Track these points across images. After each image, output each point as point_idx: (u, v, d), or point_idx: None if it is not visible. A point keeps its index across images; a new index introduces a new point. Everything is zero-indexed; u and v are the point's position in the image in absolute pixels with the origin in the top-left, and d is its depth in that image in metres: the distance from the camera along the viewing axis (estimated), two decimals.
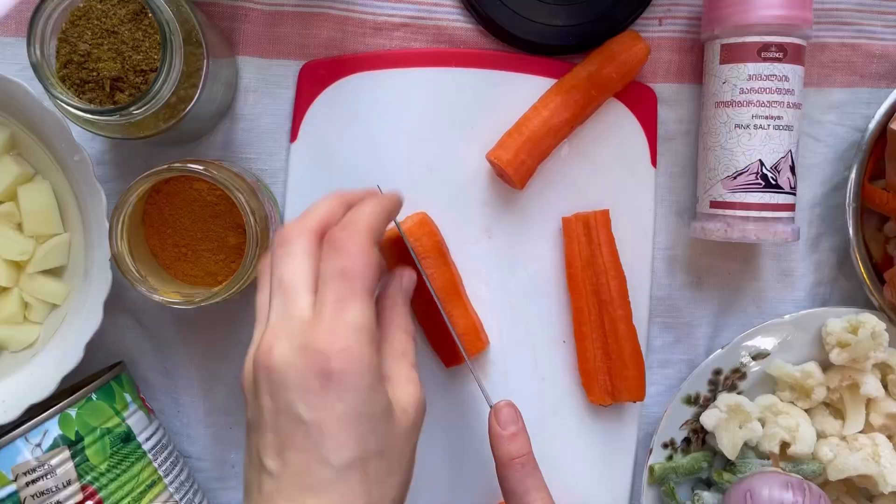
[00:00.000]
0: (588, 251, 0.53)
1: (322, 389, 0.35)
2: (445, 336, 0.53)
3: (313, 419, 0.35)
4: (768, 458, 0.53)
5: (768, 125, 0.49)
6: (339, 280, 0.37)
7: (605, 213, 0.53)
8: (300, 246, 0.39)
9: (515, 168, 0.51)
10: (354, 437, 0.35)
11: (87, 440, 0.48)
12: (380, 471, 0.36)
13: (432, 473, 0.54)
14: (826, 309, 0.54)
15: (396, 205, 0.44)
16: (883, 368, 0.54)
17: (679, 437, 0.55)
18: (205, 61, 0.46)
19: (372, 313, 0.38)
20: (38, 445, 0.46)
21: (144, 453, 0.50)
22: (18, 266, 0.52)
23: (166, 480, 0.51)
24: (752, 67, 0.49)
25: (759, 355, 0.54)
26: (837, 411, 0.55)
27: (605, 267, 0.52)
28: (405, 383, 0.40)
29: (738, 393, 0.55)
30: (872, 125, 0.53)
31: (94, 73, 0.44)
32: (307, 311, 0.37)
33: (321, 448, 0.35)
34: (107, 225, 0.46)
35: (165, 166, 0.45)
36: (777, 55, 0.49)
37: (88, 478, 0.47)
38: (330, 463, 0.35)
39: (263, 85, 0.54)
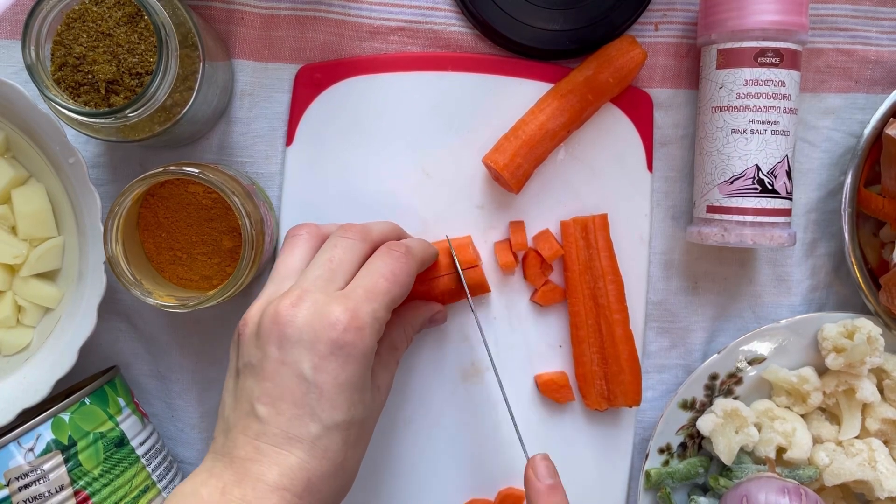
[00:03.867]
0: (586, 255, 0.53)
1: (330, 355, 0.39)
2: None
3: (315, 379, 0.39)
4: (764, 464, 0.53)
5: (765, 130, 0.49)
6: (382, 277, 0.43)
7: (604, 218, 0.53)
8: (358, 245, 0.45)
9: (511, 172, 0.51)
10: (346, 402, 0.40)
11: (80, 445, 0.47)
12: (356, 435, 0.41)
13: (414, 473, 0.54)
14: (822, 314, 0.54)
15: (435, 256, 0.50)
16: (878, 373, 0.54)
17: (675, 442, 0.54)
18: (200, 64, 0.46)
19: (387, 317, 0.43)
20: (31, 450, 0.46)
21: (138, 458, 0.50)
22: (12, 269, 0.51)
23: (160, 486, 0.51)
24: (748, 72, 0.49)
25: (755, 360, 0.54)
26: (833, 416, 0.55)
27: (603, 271, 0.52)
28: (386, 369, 0.46)
29: (735, 398, 0.54)
30: (868, 130, 0.53)
31: (90, 76, 0.44)
32: (339, 291, 0.42)
33: (316, 406, 0.39)
34: (101, 228, 0.46)
35: (161, 169, 0.45)
36: (773, 60, 0.49)
37: (81, 483, 0.47)
38: (321, 420, 0.39)
39: (259, 88, 0.54)
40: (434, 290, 0.52)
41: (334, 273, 0.43)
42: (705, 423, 0.53)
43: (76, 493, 0.47)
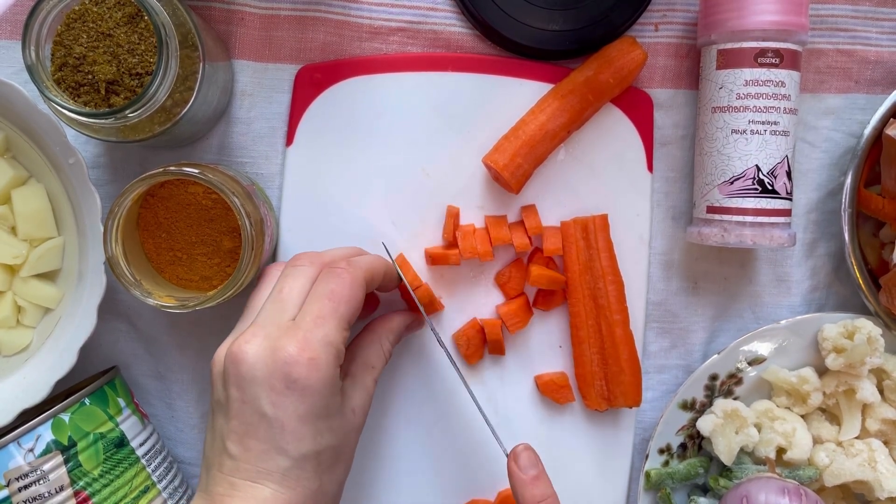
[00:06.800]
0: (586, 255, 0.53)
1: (286, 390, 0.40)
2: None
3: (275, 415, 0.39)
4: (764, 464, 0.53)
5: (765, 130, 0.49)
6: (325, 299, 0.42)
7: (604, 218, 0.53)
8: (307, 270, 0.45)
9: (511, 172, 0.51)
10: (311, 433, 0.40)
11: (80, 445, 0.47)
12: (330, 460, 0.41)
13: (415, 473, 0.54)
14: (822, 314, 0.54)
15: (392, 271, 0.49)
16: (878, 374, 0.54)
17: (675, 442, 0.54)
18: (201, 65, 0.46)
19: (343, 335, 0.42)
20: (31, 450, 0.46)
21: (138, 459, 0.50)
22: (12, 270, 0.51)
23: (160, 486, 0.50)
24: (748, 73, 0.49)
25: (755, 361, 0.54)
26: (833, 417, 0.55)
27: (603, 272, 0.52)
28: (361, 390, 0.45)
29: (735, 398, 0.54)
30: (868, 131, 0.53)
31: (90, 76, 0.44)
32: (290, 322, 0.42)
33: (280, 440, 0.39)
34: (101, 228, 0.46)
35: (160, 170, 0.45)
36: (773, 61, 0.49)
37: (81, 483, 0.47)
38: (288, 454, 0.39)
39: (259, 89, 0.54)
40: (411, 305, 0.53)
41: (284, 304, 0.43)
42: (705, 424, 0.53)
43: (76, 494, 0.47)
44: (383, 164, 0.54)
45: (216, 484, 0.40)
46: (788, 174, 0.50)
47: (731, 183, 0.50)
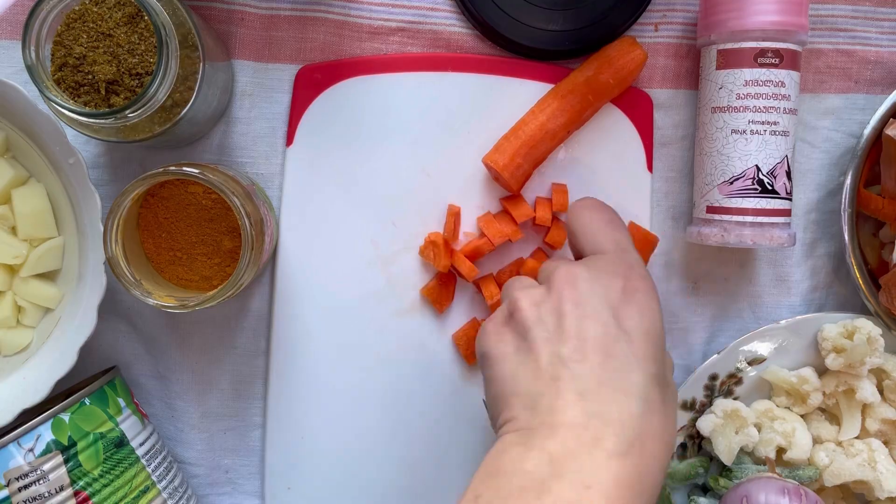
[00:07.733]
0: None
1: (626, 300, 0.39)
2: None
3: (623, 328, 0.38)
4: (764, 464, 0.53)
5: (764, 130, 0.49)
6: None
7: None
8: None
9: (511, 172, 0.51)
10: (653, 353, 0.38)
11: (80, 445, 0.47)
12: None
13: (415, 473, 0.54)
14: (822, 314, 0.54)
15: None
16: (878, 374, 0.54)
17: (675, 442, 0.54)
18: (201, 65, 0.46)
19: None
20: (31, 450, 0.46)
21: (138, 458, 0.50)
22: (12, 269, 0.51)
23: (160, 486, 0.51)
24: (748, 73, 0.49)
25: (755, 360, 0.54)
26: (833, 416, 0.55)
27: None
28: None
29: (735, 398, 0.54)
30: (868, 131, 0.53)
31: (90, 76, 0.44)
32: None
33: (629, 357, 0.37)
34: (101, 228, 0.46)
35: (161, 170, 0.45)
36: (773, 61, 0.49)
37: (81, 483, 0.47)
38: (642, 370, 0.37)
39: (259, 89, 0.54)
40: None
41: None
42: (705, 424, 0.53)
43: (76, 494, 0.47)
44: (383, 164, 0.54)
45: (557, 412, 0.36)
46: (788, 174, 0.50)
47: (731, 183, 0.50)
